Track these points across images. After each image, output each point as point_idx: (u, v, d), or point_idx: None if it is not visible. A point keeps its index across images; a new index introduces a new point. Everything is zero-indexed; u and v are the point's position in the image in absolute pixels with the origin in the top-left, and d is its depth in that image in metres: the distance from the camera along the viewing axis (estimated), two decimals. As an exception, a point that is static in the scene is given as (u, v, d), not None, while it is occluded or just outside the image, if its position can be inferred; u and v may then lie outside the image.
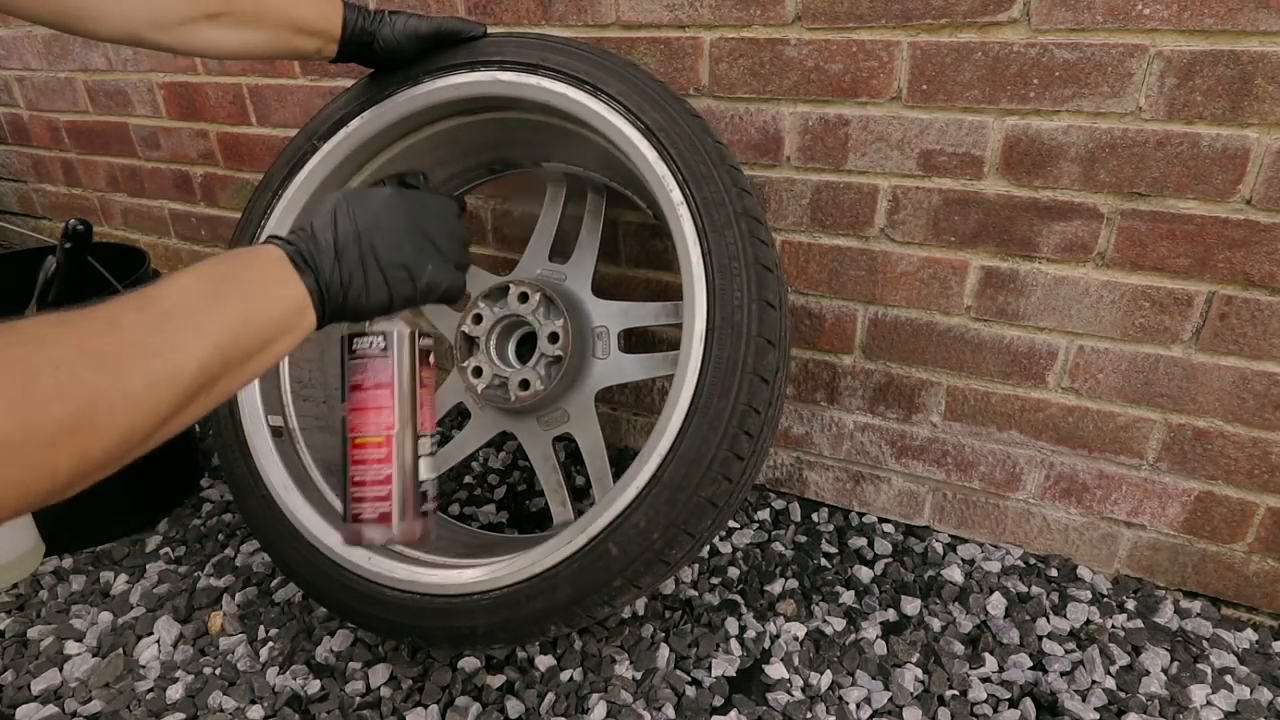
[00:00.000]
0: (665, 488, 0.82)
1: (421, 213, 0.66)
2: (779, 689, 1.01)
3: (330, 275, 0.59)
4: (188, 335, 0.48)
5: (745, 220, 0.86)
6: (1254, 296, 0.97)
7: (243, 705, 1.01)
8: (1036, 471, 1.17)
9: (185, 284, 0.50)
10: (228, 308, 0.51)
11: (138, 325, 0.46)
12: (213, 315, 0.50)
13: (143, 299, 0.48)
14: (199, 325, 0.49)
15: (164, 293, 0.49)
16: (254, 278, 0.55)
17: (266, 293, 0.55)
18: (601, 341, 1.08)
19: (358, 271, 0.61)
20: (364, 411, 0.67)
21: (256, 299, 0.54)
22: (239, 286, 0.53)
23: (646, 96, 0.91)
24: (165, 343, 0.46)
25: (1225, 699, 0.98)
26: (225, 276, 0.53)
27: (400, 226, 0.64)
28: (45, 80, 1.85)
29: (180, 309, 0.49)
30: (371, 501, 0.67)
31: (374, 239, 0.62)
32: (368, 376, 0.67)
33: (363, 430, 0.67)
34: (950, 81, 1.00)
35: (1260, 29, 0.85)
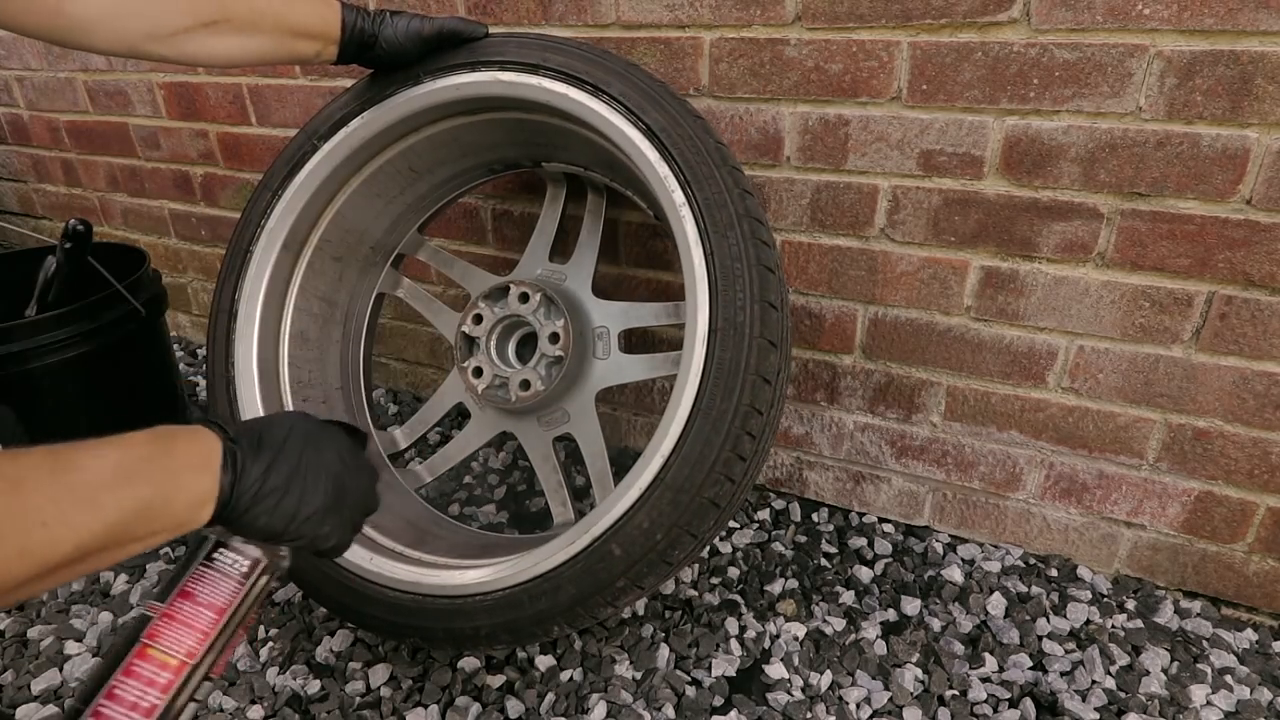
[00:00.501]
0: (668, 488, 0.82)
1: (359, 472, 0.67)
2: (779, 689, 1.01)
3: (248, 488, 0.57)
4: (83, 513, 0.47)
5: (747, 221, 0.86)
6: (1254, 296, 0.97)
7: (243, 705, 1.01)
8: (1036, 471, 1.17)
9: (107, 456, 0.49)
10: (134, 493, 0.50)
11: (39, 491, 0.45)
12: (117, 497, 0.49)
13: (59, 461, 0.47)
14: (99, 503, 0.48)
15: (82, 460, 0.48)
16: (175, 466, 0.53)
17: (177, 489, 0.53)
18: (602, 342, 1.08)
19: (275, 497, 0.59)
20: (178, 626, 0.59)
21: (166, 490, 0.52)
22: (155, 473, 0.51)
23: (647, 97, 0.91)
24: (56, 516, 0.45)
25: (1225, 699, 0.98)
26: (148, 459, 0.51)
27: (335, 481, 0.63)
28: (45, 80, 1.85)
29: (88, 483, 0.48)
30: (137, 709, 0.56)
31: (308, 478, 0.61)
32: (208, 594, 0.60)
33: (161, 643, 0.58)
34: (950, 81, 1.00)
35: (1260, 29, 0.86)
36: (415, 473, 1.22)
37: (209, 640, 0.59)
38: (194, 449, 0.55)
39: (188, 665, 0.58)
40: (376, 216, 1.19)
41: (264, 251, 1.08)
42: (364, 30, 0.93)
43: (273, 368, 1.11)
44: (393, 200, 1.19)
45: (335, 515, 0.64)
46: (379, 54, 0.95)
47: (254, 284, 1.08)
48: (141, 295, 1.31)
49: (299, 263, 1.14)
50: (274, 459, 0.59)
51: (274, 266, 1.09)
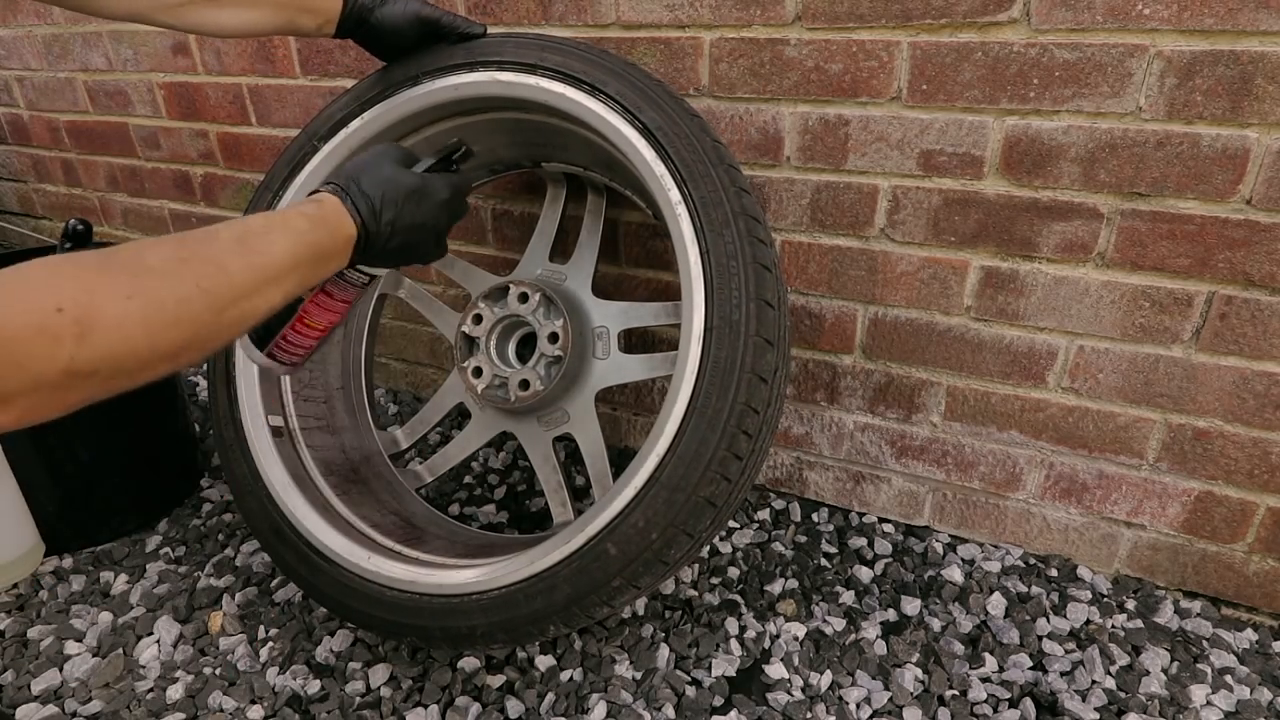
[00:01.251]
0: (663, 488, 0.82)
1: (448, 211, 0.81)
2: (779, 689, 1.01)
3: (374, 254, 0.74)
4: (273, 289, 0.61)
5: (743, 219, 0.86)
6: (1254, 296, 0.97)
7: (243, 705, 1.01)
8: (1036, 471, 1.17)
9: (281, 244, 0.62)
10: (303, 272, 0.65)
11: (241, 271, 0.58)
12: (293, 276, 0.63)
13: (246, 245, 0.60)
14: (282, 283, 0.62)
15: (263, 245, 0.61)
16: (329, 252, 0.68)
17: (326, 264, 0.69)
18: (601, 342, 1.08)
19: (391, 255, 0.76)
20: (323, 310, 0.84)
21: (323, 266, 0.68)
22: (317, 259, 0.66)
23: (644, 96, 0.91)
24: (258, 293, 0.59)
25: (1225, 699, 0.98)
26: (311, 249, 0.65)
27: (435, 230, 0.80)
28: (45, 80, 1.85)
29: (273, 268, 0.61)
30: (289, 354, 0.86)
31: (414, 238, 0.77)
32: (340, 294, 0.83)
33: (314, 319, 0.84)
34: (950, 81, 1.00)
35: (1260, 29, 0.85)
36: (415, 473, 1.22)
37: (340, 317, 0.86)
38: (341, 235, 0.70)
39: (329, 329, 0.87)
40: (376, 216, 1.19)
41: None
42: (364, 4, 0.94)
43: (273, 368, 1.11)
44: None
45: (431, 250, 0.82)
46: (376, 30, 0.96)
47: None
48: (141, 295, 1.31)
49: (299, 263, 1.14)
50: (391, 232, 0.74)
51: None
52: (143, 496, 1.36)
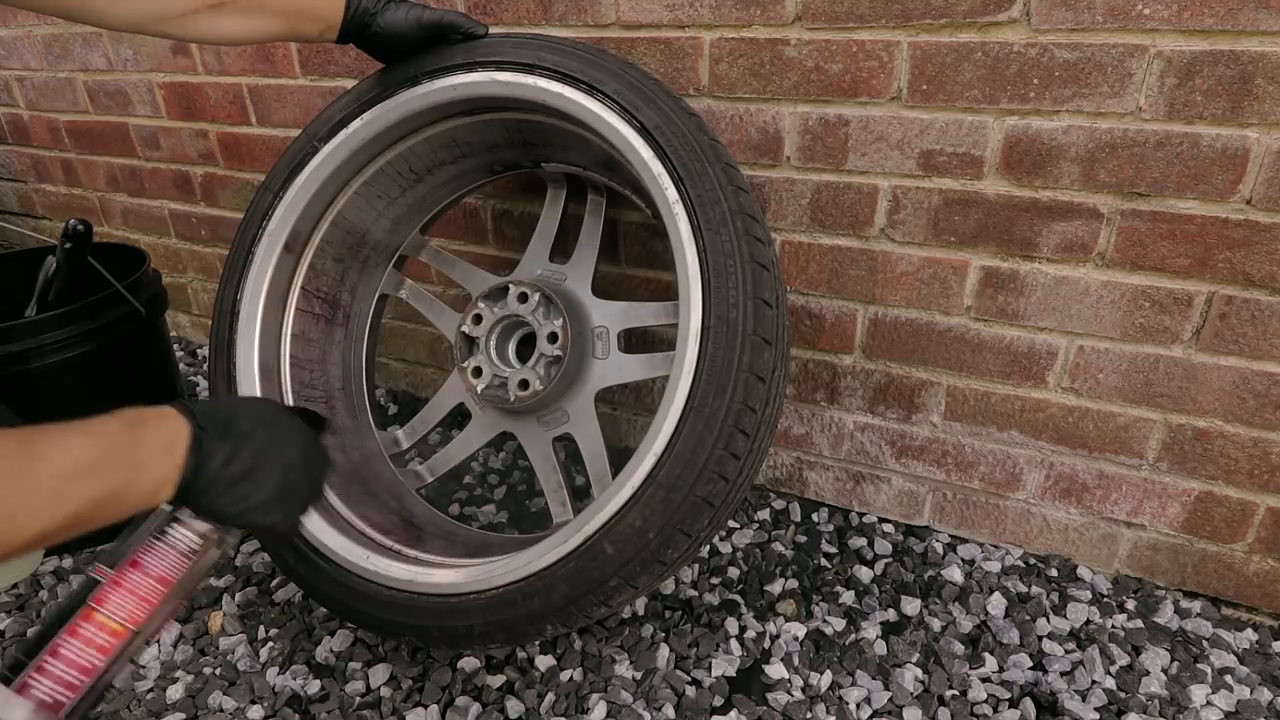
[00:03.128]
0: (660, 487, 0.82)
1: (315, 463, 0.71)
2: (779, 689, 1.01)
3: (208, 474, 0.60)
4: (48, 504, 0.49)
5: (741, 218, 0.86)
6: (1254, 296, 0.96)
7: (243, 705, 1.01)
8: (1036, 471, 1.17)
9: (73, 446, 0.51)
10: (98, 481, 0.51)
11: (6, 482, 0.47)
12: (81, 487, 0.50)
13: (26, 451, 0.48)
14: (63, 495, 0.49)
15: (49, 451, 0.50)
16: (140, 454, 0.55)
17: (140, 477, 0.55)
18: (601, 341, 1.08)
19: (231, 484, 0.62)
20: (126, 593, 0.63)
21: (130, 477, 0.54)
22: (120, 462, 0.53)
23: (642, 95, 0.91)
24: (21, 506, 0.47)
25: (1225, 699, 0.98)
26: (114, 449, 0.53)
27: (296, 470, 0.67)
28: (45, 80, 1.85)
29: (54, 474, 0.49)
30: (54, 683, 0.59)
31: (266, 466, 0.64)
32: (157, 566, 0.64)
33: (106, 608, 0.62)
34: (950, 81, 1.00)
35: (1260, 29, 0.85)
36: (416, 472, 1.22)
37: (153, 610, 0.63)
38: (161, 435, 0.57)
39: (129, 631, 0.62)
40: (378, 218, 1.19)
41: (265, 252, 1.08)
42: (366, 10, 0.93)
43: (274, 368, 1.11)
44: (394, 201, 1.19)
45: (283, 506, 0.67)
46: (379, 36, 0.95)
47: (256, 285, 1.08)
48: (141, 295, 1.31)
49: (300, 264, 1.14)
50: (236, 449, 0.61)
51: (275, 267, 1.09)
52: (143, 496, 1.35)
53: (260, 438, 0.63)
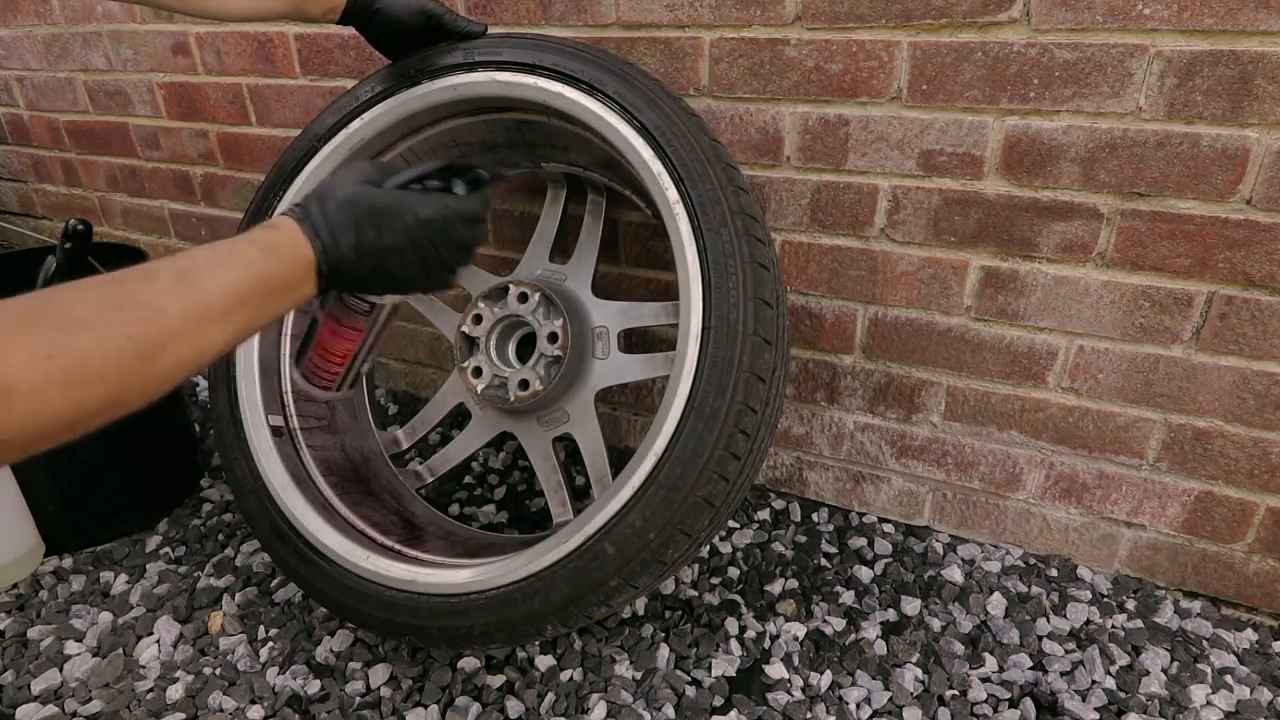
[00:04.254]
0: (661, 487, 0.82)
1: (440, 235, 0.70)
2: (779, 689, 1.01)
3: (342, 281, 0.66)
4: (217, 329, 0.55)
5: (741, 218, 0.86)
6: (1254, 296, 0.96)
7: (243, 705, 1.01)
8: (1036, 471, 1.17)
9: (227, 279, 0.56)
10: (254, 308, 0.58)
11: (177, 314, 0.52)
12: (242, 313, 0.57)
13: (187, 282, 0.54)
14: (229, 321, 0.56)
15: (207, 281, 0.55)
16: (283, 282, 0.61)
17: (287, 297, 0.62)
18: (601, 342, 1.08)
19: (365, 280, 0.68)
20: (335, 338, 0.81)
21: (278, 301, 0.61)
22: (269, 292, 0.59)
23: (642, 95, 0.91)
24: (199, 333, 0.53)
25: (1225, 699, 0.98)
26: (262, 280, 0.58)
27: (415, 253, 0.69)
28: (45, 80, 1.85)
29: (217, 305, 0.54)
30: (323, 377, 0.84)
31: (388, 261, 0.68)
32: (345, 320, 0.79)
33: (330, 345, 0.81)
34: (950, 81, 1.00)
35: (1260, 29, 0.85)
36: (416, 472, 1.22)
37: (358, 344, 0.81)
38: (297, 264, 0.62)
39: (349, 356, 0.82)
40: (376, 216, 1.19)
41: (264, 252, 1.08)
42: None
43: (274, 367, 1.11)
44: (392, 200, 1.19)
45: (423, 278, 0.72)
46: (379, 19, 0.96)
47: (254, 284, 1.08)
48: (142, 295, 1.31)
49: (300, 263, 1.14)
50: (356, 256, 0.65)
51: (274, 266, 1.09)
52: (143, 496, 1.36)
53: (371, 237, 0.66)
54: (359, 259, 0.66)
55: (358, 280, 0.67)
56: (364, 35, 0.99)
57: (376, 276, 0.68)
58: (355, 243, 0.65)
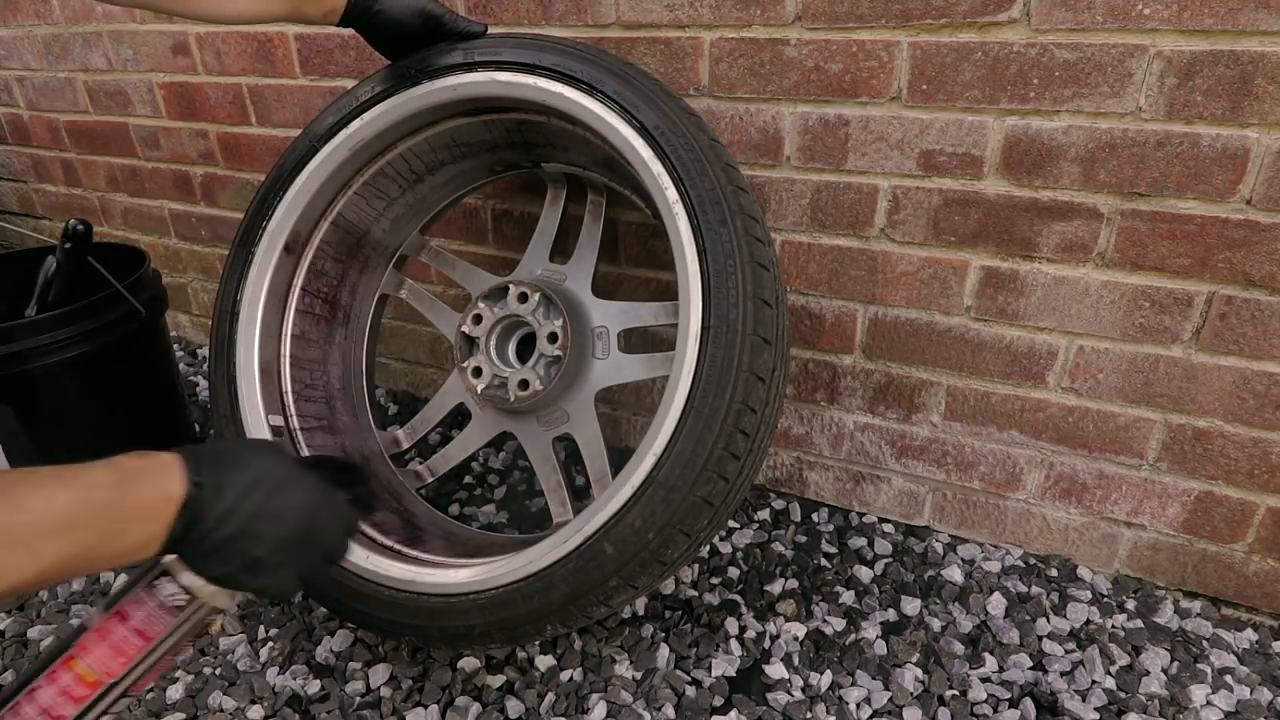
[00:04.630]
0: (660, 487, 0.82)
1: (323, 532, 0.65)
2: (779, 689, 1.01)
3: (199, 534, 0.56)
4: (20, 557, 0.47)
5: (741, 218, 0.86)
6: (1254, 296, 0.96)
7: (243, 705, 1.01)
8: (1036, 471, 1.17)
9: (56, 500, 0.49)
10: (77, 538, 0.50)
11: None
12: (57, 544, 0.49)
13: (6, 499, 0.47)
14: (36, 550, 0.48)
15: (29, 502, 0.48)
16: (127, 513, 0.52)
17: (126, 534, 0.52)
18: (601, 341, 1.08)
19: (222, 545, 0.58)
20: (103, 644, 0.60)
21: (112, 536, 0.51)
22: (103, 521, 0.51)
23: (642, 95, 0.91)
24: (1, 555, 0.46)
25: (1225, 699, 0.98)
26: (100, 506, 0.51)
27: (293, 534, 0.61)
28: (45, 80, 1.85)
29: (30, 527, 0.48)
30: None
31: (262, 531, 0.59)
32: (139, 618, 0.61)
33: (86, 658, 0.59)
34: (950, 81, 1.00)
35: (1260, 29, 0.85)
36: (416, 472, 1.22)
37: (130, 664, 0.60)
38: (153, 493, 0.54)
39: (103, 684, 0.59)
40: (378, 218, 1.19)
41: (266, 253, 1.08)
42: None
43: (274, 368, 1.11)
44: (394, 202, 1.19)
45: (276, 571, 0.62)
46: (379, 20, 0.96)
47: (256, 285, 1.08)
48: (141, 295, 1.32)
49: (301, 264, 1.14)
50: (230, 511, 0.57)
51: (275, 268, 1.09)
52: (143, 496, 1.35)
53: (259, 499, 0.59)
54: (233, 511, 0.57)
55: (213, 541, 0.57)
56: (364, 36, 0.99)
57: (238, 543, 0.58)
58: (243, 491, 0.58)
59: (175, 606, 0.61)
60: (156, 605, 0.60)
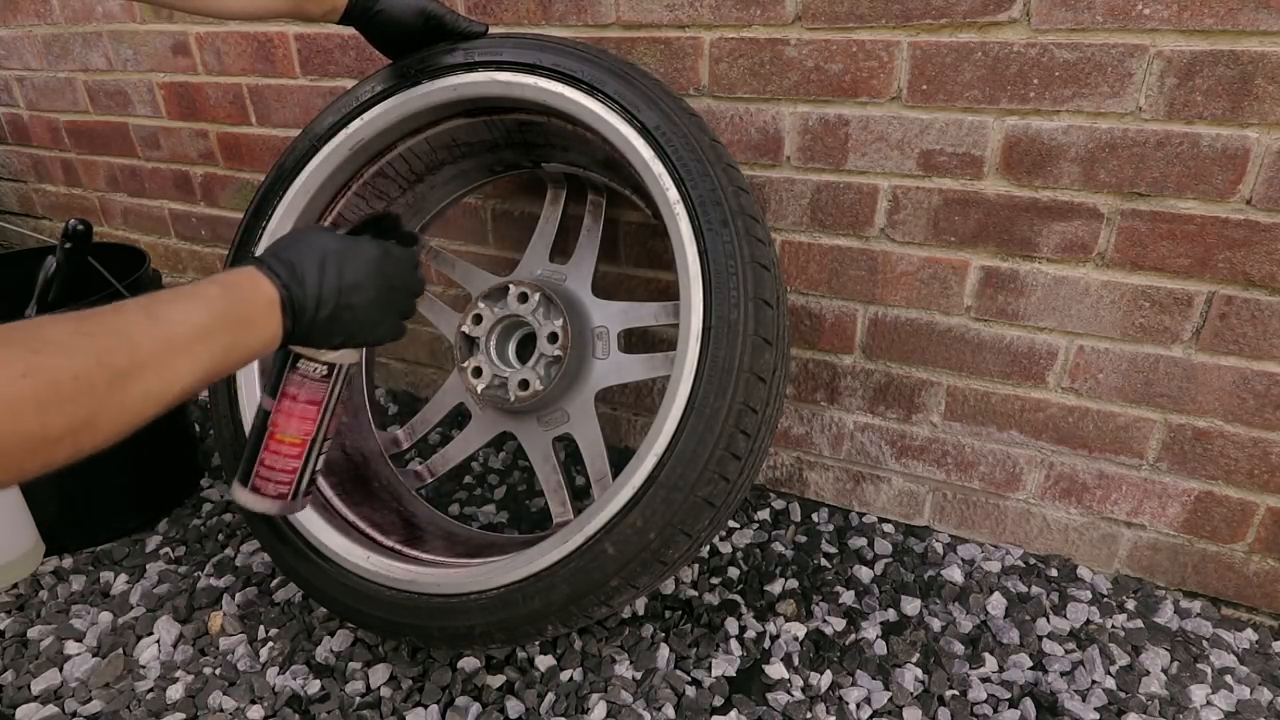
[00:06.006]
0: (661, 487, 0.82)
1: (394, 276, 0.75)
2: (779, 689, 1.01)
3: (306, 321, 0.67)
4: (184, 361, 0.55)
5: (742, 218, 0.86)
6: (1254, 296, 0.97)
7: (243, 705, 1.01)
8: (1036, 471, 1.17)
9: (189, 312, 0.57)
10: (219, 342, 0.59)
11: (146, 345, 0.53)
12: (207, 347, 0.57)
13: (153, 315, 0.55)
14: (194, 354, 0.56)
15: (171, 314, 0.56)
16: (246, 317, 0.62)
17: (252, 334, 0.63)
18: (601, 341, 1.08)
19: (328, 323, 0.69)
20: (290, 418, 0.78)
21: (243, 338, 0.62)
22: (232, 326, 0.60)
23: (642, 95, 0.91)
24: (165, 365, 0.54)
25: (1225, 699, 0.98)
26: (224, 314, 0.60)
27: (374, 290, 0.72)
28: (45, 80, 1.85)
29: (182, 337, 0.55)
30: (275, 483, 0.80)
31: (351, 299, 0.70)
32: (303, 393, 0.78)
33: (285, 430, 0.79)
34: (950, 81, 1.00)
35: (1260, 29, 0.85)
36: (416, 472, 1.22)
37: (316, 423, 0.79)
38: (258, 300, 0.64)
39: (308, 440, 0.80)
40: (376, 217, 1.19)
41: (264, 252, 1.08)
42: None
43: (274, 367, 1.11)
44: (394, 202, 1.19)
45: (380, 324, 0.74)
46: (379, 19, 0.96)
47: (254, 284, 1.08)
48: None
49: (299, 263, 1.14)
50: (320, 295, 0.67)
51: (274, 267, 1.09)
52: (143, 496, 1.36)
53: (334, 278, 0.68)
54: (321, 298, 0.67)
55: (319, 324, 0.68)
56: (364, 36, 0.99)
57: (339, 318, 0.69)
58: (319, 280, 0.67)
59: (321, 375, 0.77)
60: (309, 378, 0.77)
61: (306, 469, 0.81)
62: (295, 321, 0.66)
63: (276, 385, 0.78)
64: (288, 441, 0.79)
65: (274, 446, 0.79)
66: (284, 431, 0.78)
